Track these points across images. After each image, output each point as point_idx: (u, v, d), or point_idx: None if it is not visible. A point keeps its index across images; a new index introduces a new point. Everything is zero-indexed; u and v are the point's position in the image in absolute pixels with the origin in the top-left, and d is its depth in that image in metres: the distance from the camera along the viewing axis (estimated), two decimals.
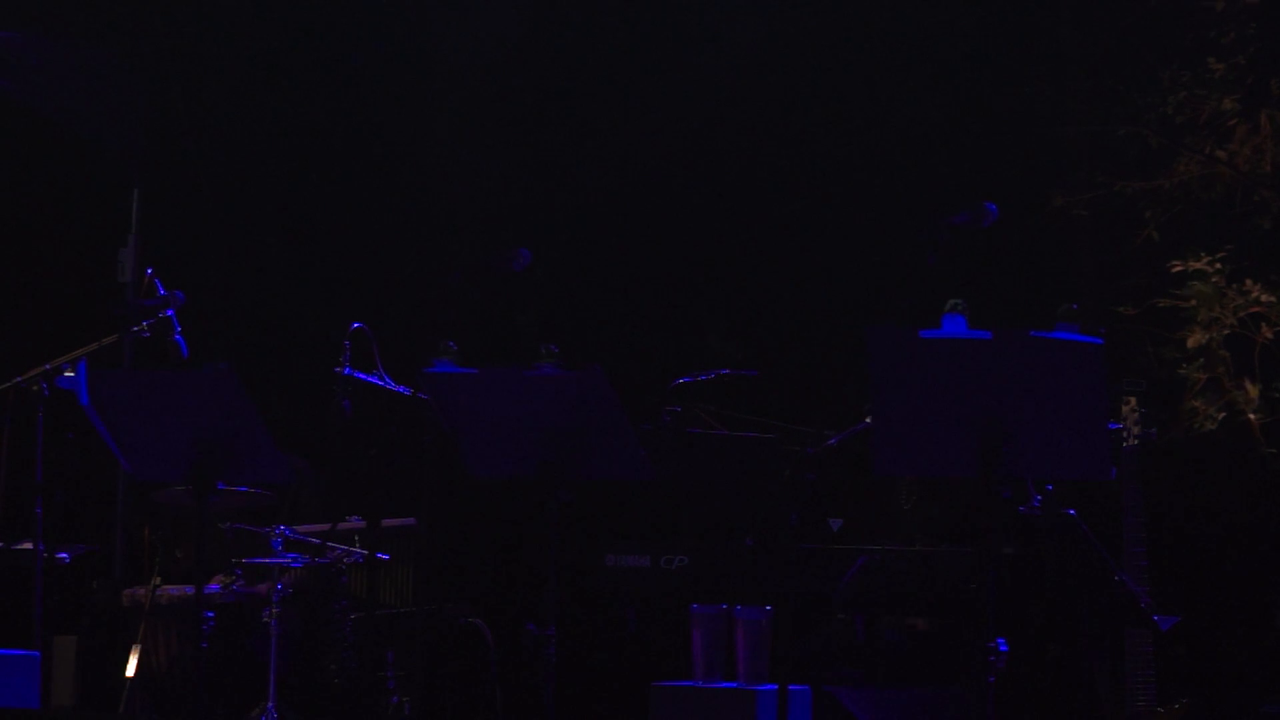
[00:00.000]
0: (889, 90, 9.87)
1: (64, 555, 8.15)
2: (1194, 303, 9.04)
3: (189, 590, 8.18)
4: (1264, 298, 9.00)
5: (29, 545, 7.83)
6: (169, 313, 7.83)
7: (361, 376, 7.90)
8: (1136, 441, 7.14)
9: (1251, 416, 8.86)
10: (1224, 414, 8.90)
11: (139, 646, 8.23)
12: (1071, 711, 7.10)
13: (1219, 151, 9.19)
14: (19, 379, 7.69)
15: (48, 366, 7.61)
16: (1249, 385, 8.86)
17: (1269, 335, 8.95)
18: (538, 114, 10.48)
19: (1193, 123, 9.24)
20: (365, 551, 8.01)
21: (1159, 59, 9.34)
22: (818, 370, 9.66)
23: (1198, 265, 9.02)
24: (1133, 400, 7.18)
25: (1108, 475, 5.60)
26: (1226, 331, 9.03)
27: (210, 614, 6.63)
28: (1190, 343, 9.02)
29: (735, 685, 6.97)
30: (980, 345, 5.48)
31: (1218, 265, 9.04)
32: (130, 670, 8.21)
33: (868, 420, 6.81)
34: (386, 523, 8.30)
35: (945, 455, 5.62)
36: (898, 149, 9.78)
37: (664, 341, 9.98)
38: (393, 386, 7.95)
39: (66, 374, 7.21)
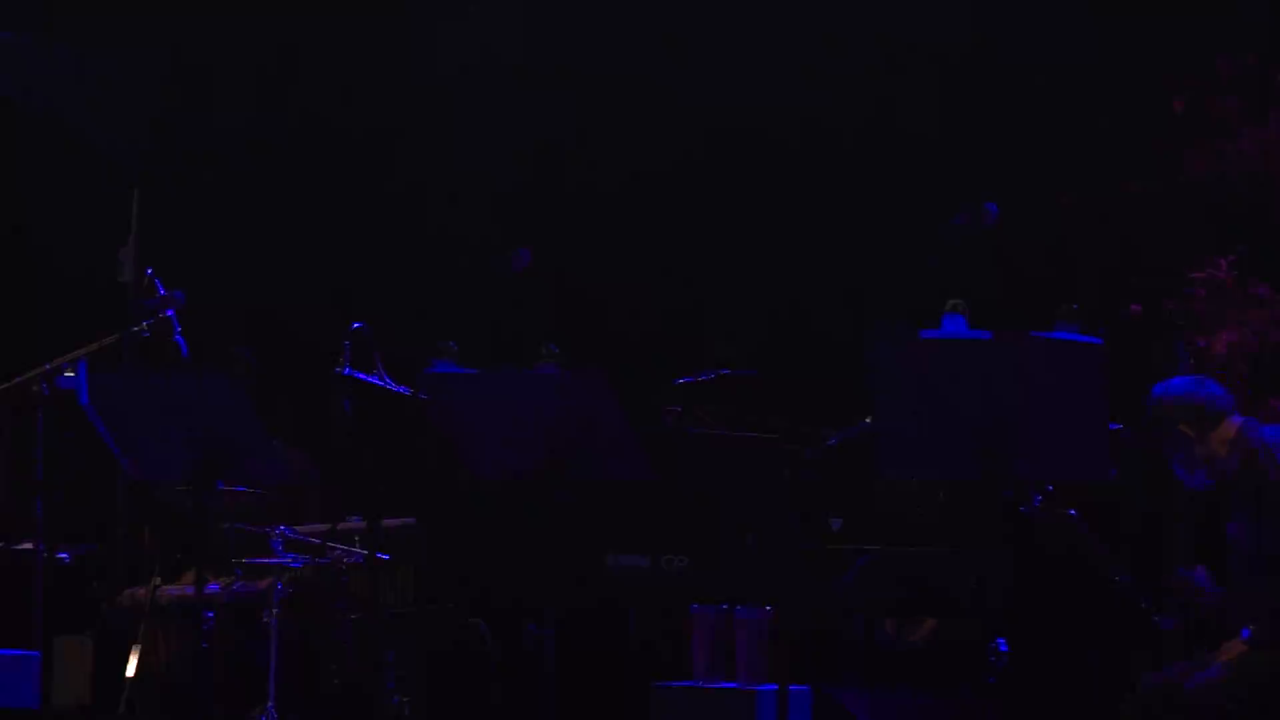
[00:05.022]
0: (889, 90, 9.86)
1: (64, 555, 8.15)
2: (1195, 307, 9.02)
3: (189, 590, 8.18)
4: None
5: (29, 545, 7.83)
6: (169, 313, 7.84)
7: (361, 376, 7.90)
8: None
9: None
10: None
11: (139, 646, 8.23)
12: (1072, 711, 7.10)
13: (1227, 147, 9.17)
14: (19, 379, 7.69)
15: (48, 366, 7.61)
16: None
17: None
18: (538, 114, 10.47)
19: (1201, 121, 9.23)
20: (365, 551, 8.01)
21: (1164, 56, 9.33)
22: (818, 370, 9.65)
23: (1220, 276, 8.98)
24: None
25: (1108, 475, 5.60)
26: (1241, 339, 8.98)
27: (210, 614, 6.64)
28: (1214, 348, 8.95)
29: (735, 685, 6.97)
30: (980, 345, 5.49)
31: (1234, 273, 9.01)
32: (130, 670, 8.21)
33: (867, 420, 6.82)
34: (386, 523, 8.29)
35: (946, 456, 5.62)
36: (898, 149, 9.78)
37: (664, 341, 9.98)
38: (393, 387, 7.95)
39: (66, 374, 7.22)
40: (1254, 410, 8.23)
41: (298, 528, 8.22)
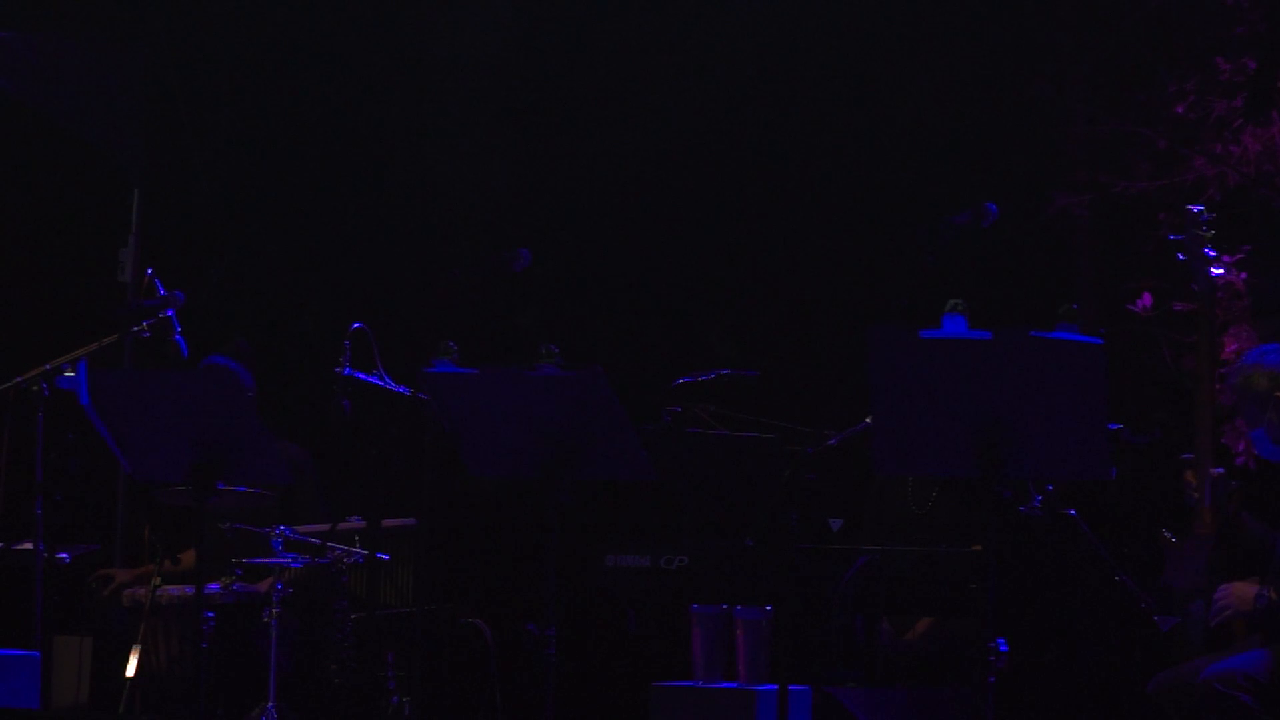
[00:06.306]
0: (889, 90, 9.87)
1: (64, 555, 8.15)
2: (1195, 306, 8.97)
3: (189, 590, 8.18)
4: None
5: (29, 545, 7.83)
6: (169, 313, 7.84)
7: (361, 376, 7.90)
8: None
9: None
10: None
11: (139, 646, 8.23)
12: (1072, 711, 7.10)
13: (1232, 147, 9.15)
14: (19, 379, 7.70)
15: (48, 366, 7.62)
16: None
17: None
18: (538, 114, 10.47)
19: (1203, 120, 9.22)
20: (365, 551, 8.02)
21: (1164, 58, 9.33)
22: (818, 370, 9.65)
23: (1230, 280, 8.93)
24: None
25: (1108, 475, 5.60)
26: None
27: (210, 614, 6.63)
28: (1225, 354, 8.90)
29: (735, 685, 6.97)
30: (980, 345, 5.48)
31: (1243, 276, 8.98)
32: (130, 670, 8.22)
33: (868, 420, 6.82)
34: (386, 523, 8.30)
35: (945, 455, 5.62)
36: (898, 149, 9.78)
37: (664, 341, 9.98)
38: (393, 386, 7.95)
39: (66, 374, 7.21)
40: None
41: (298, 528, 8.22)
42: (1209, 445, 6.89)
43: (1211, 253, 7.06)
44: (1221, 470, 6.90)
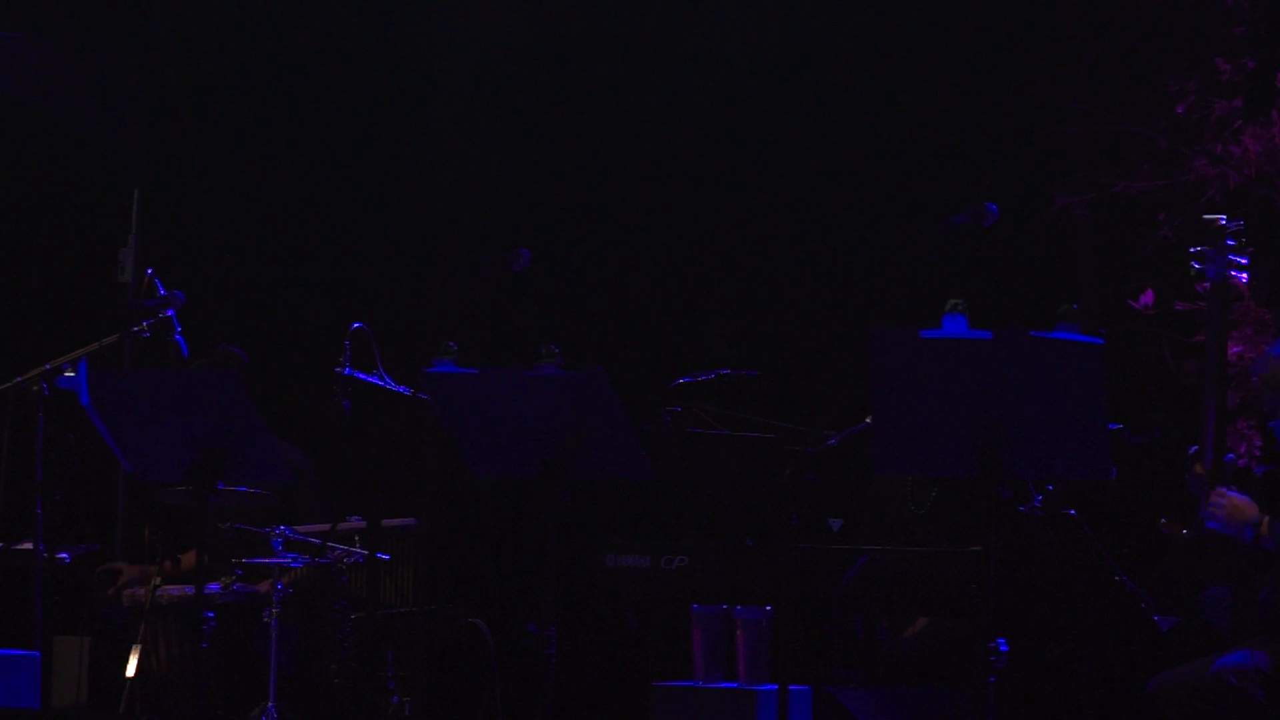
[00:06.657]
0: (889, 89, 9.86)
1: (64, 555, 8.16)
2: (1196, 306, 8.98)
3: (189, 590, 8.18)
4: None
5: (29, 545, 7.84)
6: (169, 313, 7.84)
7: (361, 376, 7.91)
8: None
9: None
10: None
11: (139, 646, 8.23)
12: (1071, 711, 7.11)
13: (1232, 147, 9.15)
14: (19, 379, 7.70)
15: (48, 366, 7.62)
16: None
17: None
18: (538, 114, 10.47)
19: (1203, 120, 9.21)
20: (365, 551, 8.02)
21: (1165, 58, 9.32)
22: (818, 370, 9.65)
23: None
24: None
25: (1108, 475, 5.60)
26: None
27: (210, 614, 6.64)
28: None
29: (735, 685, 6.98)
30: (980, 345, 5.49)
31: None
32: (130, 670, 8.22)
33: (868, 420, 6.82)
34: (386, 523, 8.30)
35: (945, 455, 5.63)
36: (898, 149, 9.78)
37: (664, 341, 9.98)
38: (393, 386, 7.95)
39: (66, 374, 7.21)
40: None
41: (298, 528, 8.22)
42: (1217, 441, 6.88)
43: (1244, 259, 7.04)
44: (1231, 456, 6.89)
